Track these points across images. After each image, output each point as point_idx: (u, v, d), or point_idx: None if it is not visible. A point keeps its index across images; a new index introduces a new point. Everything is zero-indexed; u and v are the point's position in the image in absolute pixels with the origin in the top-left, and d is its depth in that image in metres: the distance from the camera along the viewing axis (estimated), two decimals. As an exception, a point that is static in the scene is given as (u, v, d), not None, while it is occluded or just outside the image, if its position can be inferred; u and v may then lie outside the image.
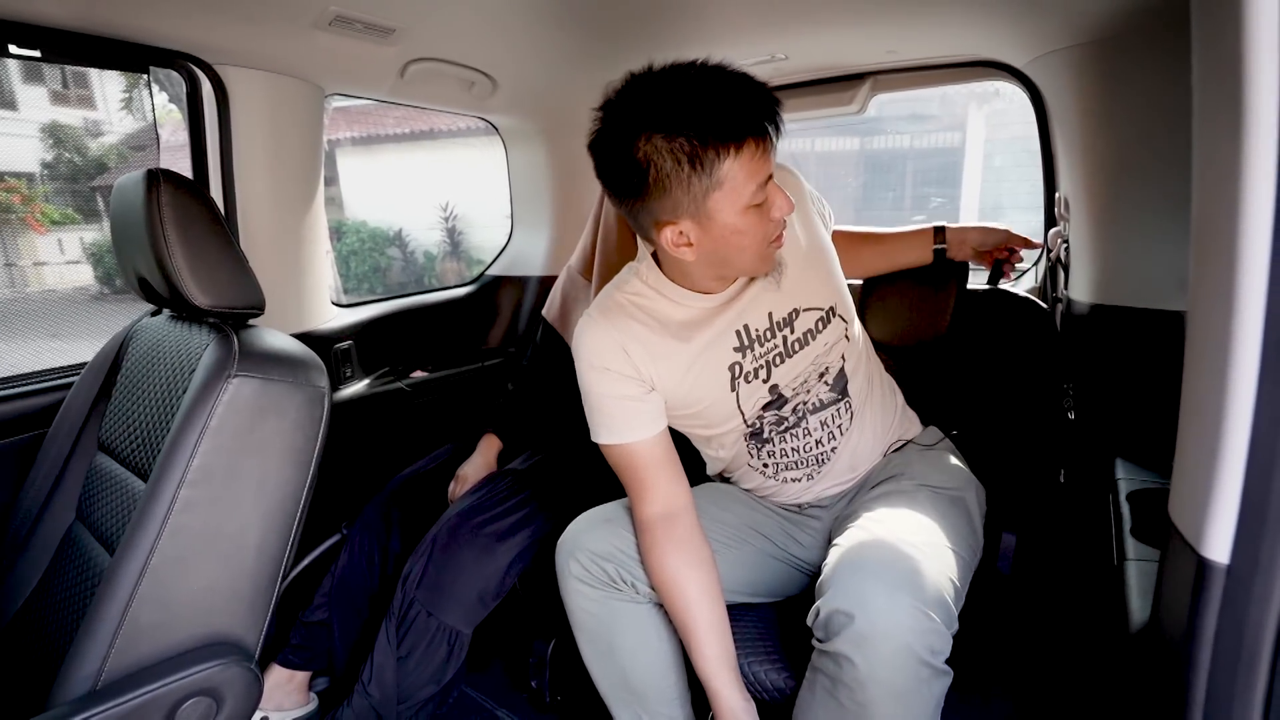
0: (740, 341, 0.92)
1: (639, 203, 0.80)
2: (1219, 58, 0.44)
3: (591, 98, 1.86)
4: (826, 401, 0.96)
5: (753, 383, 0.93)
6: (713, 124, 0.73)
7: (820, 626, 0.74)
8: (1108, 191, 1.19)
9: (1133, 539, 0.87)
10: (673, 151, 0.74)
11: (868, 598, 0.71)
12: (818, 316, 0.94)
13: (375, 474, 1.48)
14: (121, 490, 0.90)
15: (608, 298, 0.95)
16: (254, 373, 0.82)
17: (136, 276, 0.94)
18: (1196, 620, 0.46)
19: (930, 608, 0.70)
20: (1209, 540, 0.45)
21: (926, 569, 0.74)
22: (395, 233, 6.45)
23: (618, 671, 0.93)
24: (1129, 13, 1.02)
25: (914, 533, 0.80)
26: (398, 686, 1.14)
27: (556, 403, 1.50)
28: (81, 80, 4.13)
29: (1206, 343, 0.47)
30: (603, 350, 0.90)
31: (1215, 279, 0.44)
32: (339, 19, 1.13)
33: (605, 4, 1.17)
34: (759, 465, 1.00)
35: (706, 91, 0.73)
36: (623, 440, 0.90)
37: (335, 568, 1.31)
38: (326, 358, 1.57)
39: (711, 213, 0.77)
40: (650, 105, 0.74)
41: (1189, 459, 0.49)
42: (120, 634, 0.73)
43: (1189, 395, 0.51)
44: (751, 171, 0.76)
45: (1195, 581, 0.46)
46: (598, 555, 0.90)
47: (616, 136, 0.77)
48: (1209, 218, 0.47)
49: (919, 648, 0.69)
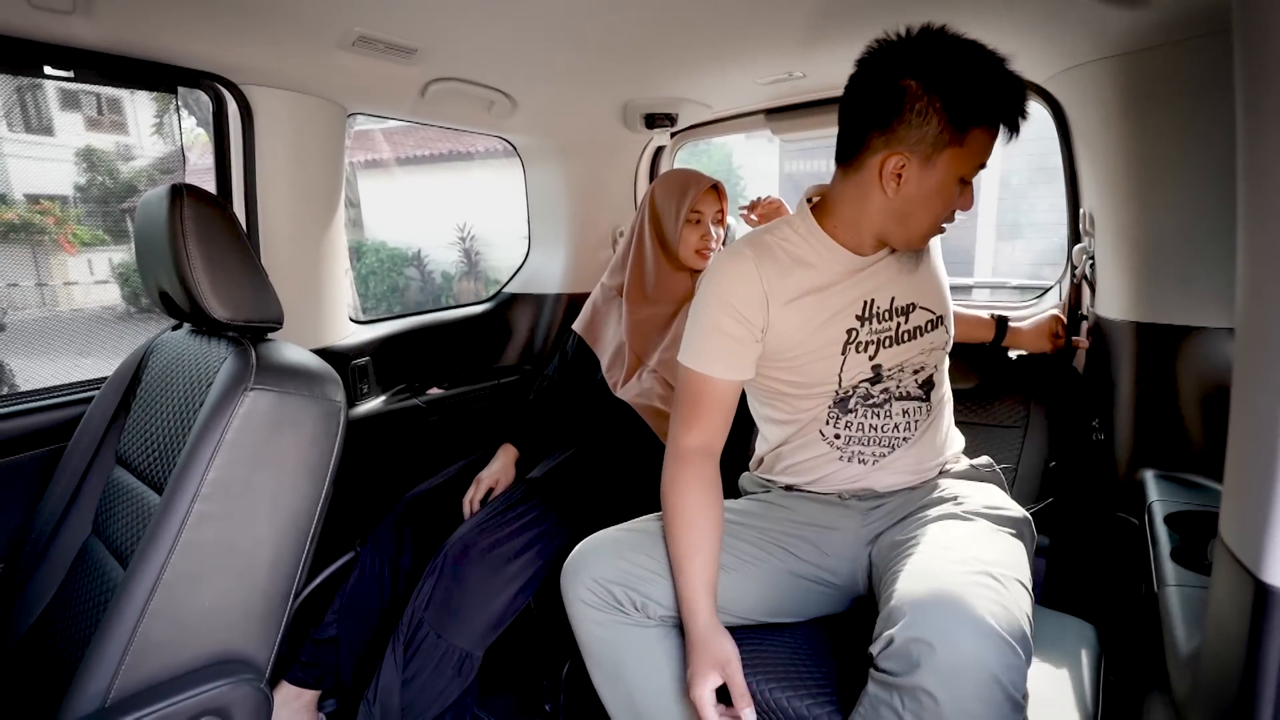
0: (863, 311, 0.96)
1: (880, 130, 0.86)
2: (1268, 57, 0.42)
3: (609, 116, 1.89)
4: (913, 394, 1.00)
5: (861, 354, 0.97)
6: (999, 97, 0.83)
7: (892, 657, 0.69)
8: (1136, 208, 1.16)
9: (1173, 563, 0.83)
10: (945, 97, 0.82)
11: (952, 627, 0.67)
12: (929, 318, 1.00)
13: (390, 491, 1.47)
14: (138, 504, 0.89)
15: (758, 237, 0.99)
16: (271, 386, 0.82)
17: (158, 290, 0.95)
18: (1259, 650, 0.43)
19: (1015, 640, 0.67)
20: (1268, 563, 0.42)
21: (1007, 600, 0.71)
22: (414, 253, 6.54)
23: (624, 696, 0.91)
24: (1155, 25, 1.01)
25: (984, 563, 0.77)
26: (402, 708, 1.11)
27: (579, 414, 1.49)
28: (115, 106, 4.26)
29: (1260, 356, 0.44)
30: (738, 283, 0.94)
31: (1269, 291, 0.42)
32: (362, 39, 1.15)
33: (623, 26, 1.18)
34: (830, 435, 1.00)
35: (992, 68, 0.83)
36: (706, 371, 0.95)
37: (346, 585, 1.30)
38: (344, 373, 1.57)
39: (937, 163, 0.85)
40: (942, 54, 0.82)
41: (1243, 478, 0.47)
42: (130, 651, 0.72)
43: (1240, 411, 0.48)
44: (982, 150, 0.86)
45: (1255, 608, 0.43)
46: (605, 579, 0.89)
47: (890, 67, 0.85)
48: (1260, 229, 0.45)
49: (1007, 681, 0.66)
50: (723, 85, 1.57)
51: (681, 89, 1.59)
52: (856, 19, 1.15)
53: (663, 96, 1.64)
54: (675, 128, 1.81)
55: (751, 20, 1.16)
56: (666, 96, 1.64)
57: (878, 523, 0.99)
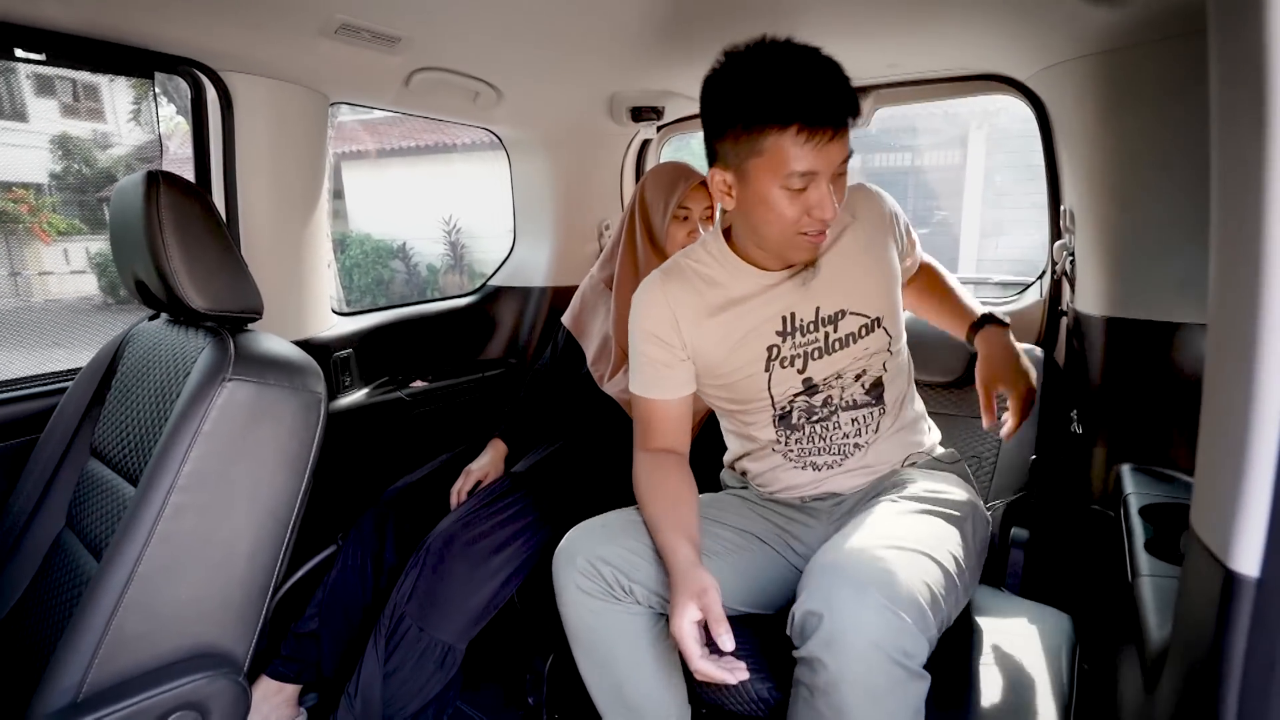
0: (783, 327, 0.97)
1: (711, 140, 0.90)
2: (1240, 58, 0.43)
3: (595, 109, 1.88)
4: (860, 402, 1.00)
5: (787, 369, 0.97)
6: (776, 97, 0.79)
7: (796, 633, 0.74)
8: (1115, 204, 1.18)
9: (1147, 554, 0.85)
10: (737, 107, 0.83)
11: (835, 596, 0.70)
12: (862, 323, 0.98)
13: (373, 484, 1.46)
14: (112, 496, 0.88)
15: (673, 261, 1.04)
16: (250, 376, 0.81)
17: (134, 279, 0.93)
18: (1225, 637, 0.44)
19: (901, 607, 0.69)
20: (1237, 552, 0.43)
21: (900, 570, 0.73)
22: (399, 245, 6.48)
23: (613, 684, 0.91)
24: (1135, 24, 1.02)
25: (892, 538, 0.79)
26: (383, 701, 1.11)
27: (569, 407, 1.48)
28: (92, 93, 4.17)
29: (1230, 349, 0.45)
30: (652, 313, 1.00)
31: (1240, 286, 0.43)
32: (345, 27, 1.13)
33: (610, 18, 1.18)
34: (783, 449, 1.02)
35: (786, 67, 0.80)
36: (648, 395, 1.01)
37: (328, 579, 1.29)
38: (326, 366, 1.55)
39: (748, 173, 0.85)
40: (737, 65, 0.84)
41: (1213, 469, 0.47)
42: (104, 644, 0.71)
43: (1211, 404, 0.49)
44: (797, 156, 0.81)
45: (1222, 596, 0.44)
46: (597, 563, 0.89)
47: (711, 82, 0.87)
48: (1232, 224, 0.45)
49: (889, 646, 0.68)
50: (710, 79, 1.57)
51: (668, 82, 1.58)
52: (842, 14, 1.16)
53: (649, 90, 1.64)
54: (661, 121, 1.81)
55: (737, 14, 1.16)
56: (653, 90, 1.64)
57: (843, 519, 1.01)
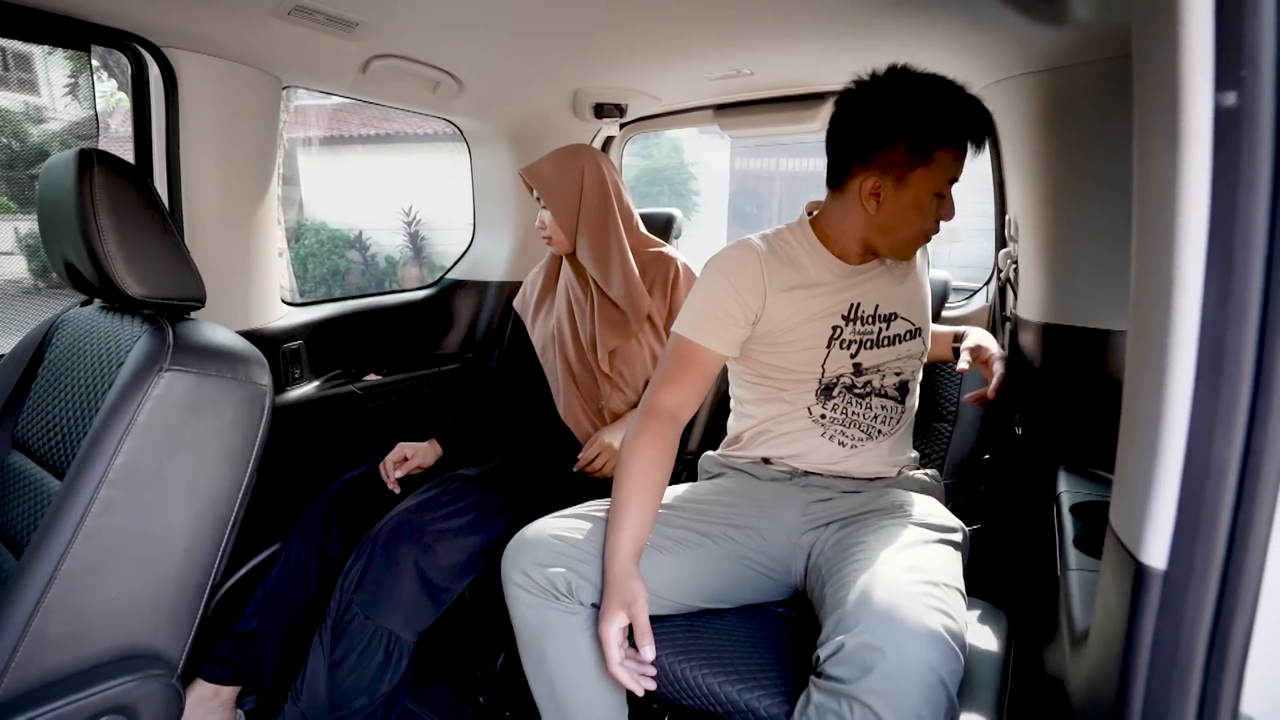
0: (849, 313, 1.07)
1: (859, 159, 0.99)
2: (1155, 82, 0.46)
3: (558, 103, 1.86)
4: (890, 394, 1.09)
5: (844, 350, 1.07)
6: (952, 120, 0.95)
7: (842, 663, 0.72)
8: (1053, 216, 1.23)
9: (1075, 550, 0.89)
10: (913, 124, 0.94)
11: (901, 633, 0.71)
12: (909, 328, 1.10)
13: (323, 480, 1.42)
14: (35, 490, 0.83)
15: (766, 236, 1.11)
16: (189, 367, 0.78)
17: (64, 262, 0.89)
18: (1134, 626, 0.47)
19: (956, 644, 0.73)
20: (1147, 546, 0.46)
21: (949, 606, 0.77)
22: (356, 235, 6.31)
23: (546, 682, 0.93)
24: (1077, 44, 1.07)
25: (933, 571, 0.82)
26: (330, 694, 1.08)
27: (520, 408, 1.47)
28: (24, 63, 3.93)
29: (1146, 356, 0.48)
30: (744, 268, 1.04)
31: (1153, 295, 0.46)
32: (299, 9, 1.10)
33: (574, 12, 1.17)
34: (817, 414, 1.08)
35: (954, 96, 0.96)
36: (696, 339, 1.02)
37: (269, 575, 1.24)
38: (274, 357, 1.50)
39: (910, 182, 0.97)
40: (903, 87, 0.96)
41: (1129, 468, 0.50)
42: (23, 645, 0.67)
43: (1129, 407, 0.52)
44: (951, 167, 0.97)
45: (1133, 588, 0.47)
46: (542, 563, 0.90)
47: (863, 105, 0.98)
48: (1147, 238, 0.48)
49: (950, 684, 0.71)
50: (673, 78, 1.58)
51: (632, 80, 1.59)
52: (804, 20, 1.18)
53: (613, 86, 1.63)
54: (625, 118, 1.81)
55: (702, 14, 1.17)
56: (617, 86, 1.64)
57: (817, 517, 1.04)
